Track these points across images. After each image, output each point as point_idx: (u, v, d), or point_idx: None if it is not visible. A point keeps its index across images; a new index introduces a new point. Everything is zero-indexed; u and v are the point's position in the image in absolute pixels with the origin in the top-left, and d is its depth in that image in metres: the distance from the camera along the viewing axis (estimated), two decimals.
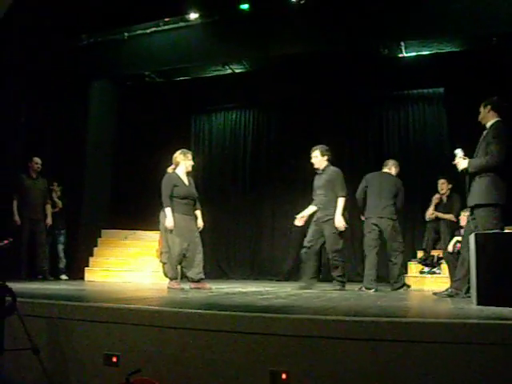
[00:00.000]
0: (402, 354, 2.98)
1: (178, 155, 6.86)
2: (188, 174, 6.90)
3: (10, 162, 8.99)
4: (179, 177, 6.76)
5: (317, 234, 6.97)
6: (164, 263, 6.70)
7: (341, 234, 6.88)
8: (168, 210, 6.56)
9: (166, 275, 6.74)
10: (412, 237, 9.53)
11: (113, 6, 8.82)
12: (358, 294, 6.47)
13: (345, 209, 6.88)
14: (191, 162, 6.89)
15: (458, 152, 5.32)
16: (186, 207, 6.72)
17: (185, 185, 6.75)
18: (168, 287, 6.60)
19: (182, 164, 6.82)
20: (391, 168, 7.41)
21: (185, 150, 6.98)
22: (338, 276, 6.96)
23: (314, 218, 7.01)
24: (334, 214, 6.81)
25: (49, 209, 8.95)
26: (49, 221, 8.89)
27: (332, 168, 7.06)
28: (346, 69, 9.85)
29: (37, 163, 8.76)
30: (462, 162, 5.24)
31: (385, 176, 7.37)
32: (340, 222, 6.79)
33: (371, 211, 7.16)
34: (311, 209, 7.11)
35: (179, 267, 6.79)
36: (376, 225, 7.08)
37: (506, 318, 3.26)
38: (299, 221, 7.14)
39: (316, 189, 7.09)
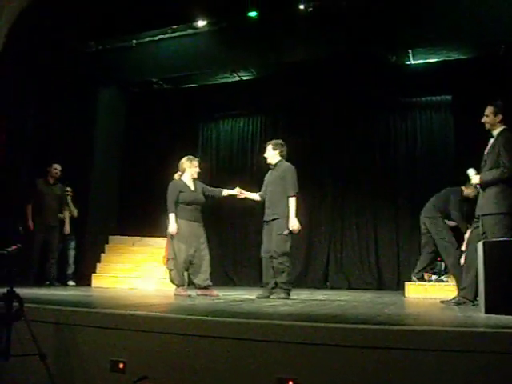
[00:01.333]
0: (410, 362, 2.97)
1: (185, 162, 6.91)
2: (195, 180, 6.92)
3: (20, 167, 9.04)
4: (185, 183, 6.80)
5: (270, 237, 6.47)
6: (171, 270, 6.69)
7: (289, 235, 6.33)
8: (171, 216, 6.59)
9: (172, 282, 6.74)
10: (419, 245, 9.47)
11: (121, 13, 8.87)
12: (365, 301, 6.43)
13: (297, 209, 6.37)
14: (197, 169, 6.92)
15: (471, 172, 5.38)
16: (192, 213, 6.74)
17: (191, 191, 6.78)
18: (175, 294, 6.60)
19: (188, 170, 6.86)
20: (468, 186, 7.47)
21: (191, 156, 7.02)
22: (283, 283, 6.35)
23: (264, 217, 6.60)
24: (281, 214, 6.33)
25: (67, 216, 8.98)
26: (67, 229, 8.95)
27: (285, 164, 6.61)
28: (353, 76, 9.85)
29: (56, 169, 8.79)
30: (474, 177, 5.30)
31: (450, 188, 7.54)
32: (294, 224, 6.29)
33: None
34: (255, 196, 6.88)
35: (186, 274, 6.79)
36: (422, 222, 7.34)
37: None
38: (237, 191, 6.93)
39: (267, 185, 6.68)
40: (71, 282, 9.15)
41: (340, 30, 8.65)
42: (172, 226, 6.56)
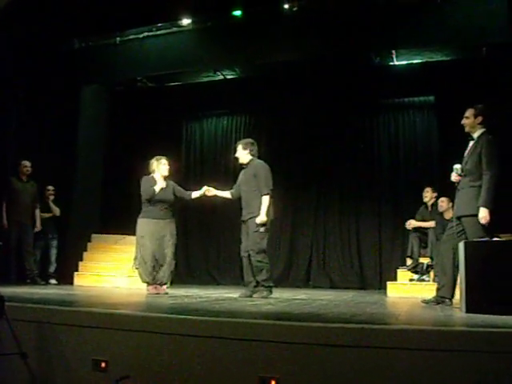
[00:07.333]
0: (392, 361, 2.99)
1: (153, 162, 7.00)
2: (166, 178, 6.97)
3: (0, 165, 8.94)
4: (155, 181, 6.87)
5: (247, 236, 6.52)
6: (137, 268, 6.74)
7: (265, 232, 6.38)
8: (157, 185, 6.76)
9: (142, 280, 6.76)
10: (402, 245, 9.54)
11: (105, 10, 8.80)
12: (347, 300, 6.46)
13: (269, 206, 6.40)
14: (166, 167, 6.98)
15: (459, 168, 5.31)
16: (159, 212, 6.81)
17: (160, 189, 6.82)
18: (148, 293, 6.60)
19: (157, 170, 6.94)
20: None
21: (158, 156, 7.07)
22: (263, 280, 6.37)
23: (241, 217, 6.61)
24: (257, 212, 6.34)
25: (38, 214, 8.89)
26: (38, 226, 8.83)
27: (257, 161, 6.64)
28: (337, 76, 9.89)
29: (26, 166, 8.71)
30: (482, 211, 4.99)
31: None
32: (262, 219, 6.29)
33: None
34: (225, 194, 6.92)
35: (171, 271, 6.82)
36: None
37: (495, 326, 3.28)
38: (208, 191, 6.93)
39: (240, 184, 6.70)
40: (53, 281, 9.08)
41: (324, 31, 8.66)
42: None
